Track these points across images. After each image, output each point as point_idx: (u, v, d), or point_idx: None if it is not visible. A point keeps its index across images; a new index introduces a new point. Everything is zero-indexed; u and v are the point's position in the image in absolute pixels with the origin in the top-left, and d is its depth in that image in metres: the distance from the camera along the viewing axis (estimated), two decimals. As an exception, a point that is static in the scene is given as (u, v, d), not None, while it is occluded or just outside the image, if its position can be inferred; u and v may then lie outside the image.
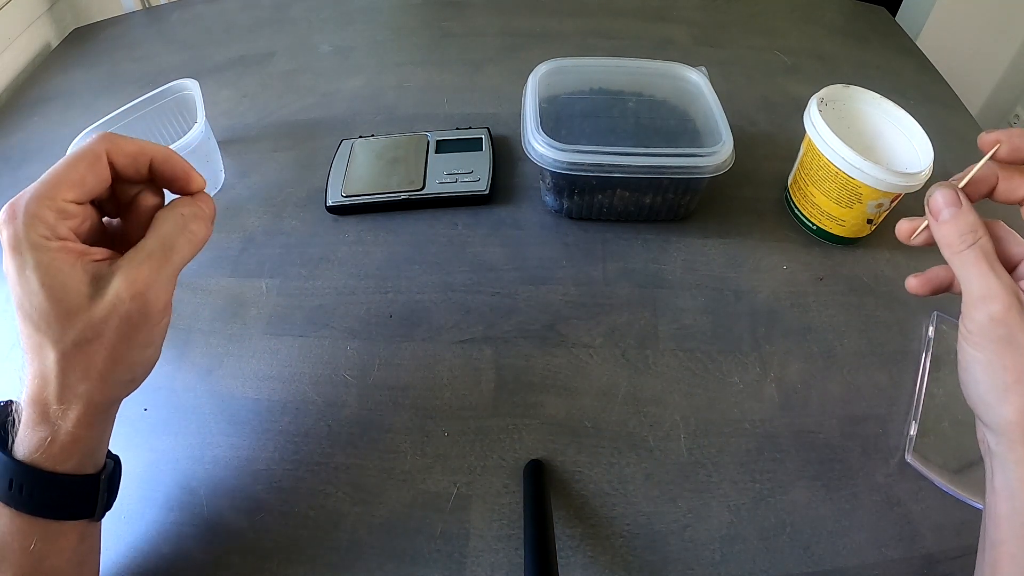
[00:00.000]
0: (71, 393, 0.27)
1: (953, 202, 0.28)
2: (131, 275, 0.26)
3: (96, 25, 0.83)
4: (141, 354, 0.28)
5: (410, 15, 0.80)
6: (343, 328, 0.46)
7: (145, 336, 0.28)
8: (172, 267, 0.28)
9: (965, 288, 0.27)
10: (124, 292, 0.26)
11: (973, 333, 0.27)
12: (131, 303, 0.26)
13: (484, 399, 0.42)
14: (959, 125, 0.65)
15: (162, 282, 0.27)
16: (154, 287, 0.27)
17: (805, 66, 0.71)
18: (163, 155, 0.29)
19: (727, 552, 0.36)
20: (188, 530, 0.37)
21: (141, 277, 0.27)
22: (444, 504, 0.38)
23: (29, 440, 0.27)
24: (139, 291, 0.27)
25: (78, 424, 0.28)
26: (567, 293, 0.48)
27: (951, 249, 0.28)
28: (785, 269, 0.50)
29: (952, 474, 0.38)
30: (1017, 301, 0.26)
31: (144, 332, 0.28)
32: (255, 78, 0.69)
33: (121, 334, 0.27)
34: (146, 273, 0.27)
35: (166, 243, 0.28)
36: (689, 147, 0.47)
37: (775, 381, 0.43)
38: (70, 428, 0.27)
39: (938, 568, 0.36)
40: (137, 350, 0.28)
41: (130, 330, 0.27)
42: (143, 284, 0.27)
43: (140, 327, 0.27)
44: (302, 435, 0.41)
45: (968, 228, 0.27)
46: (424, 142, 0.56)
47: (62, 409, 0.27)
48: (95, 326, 0.26)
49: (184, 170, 0.30)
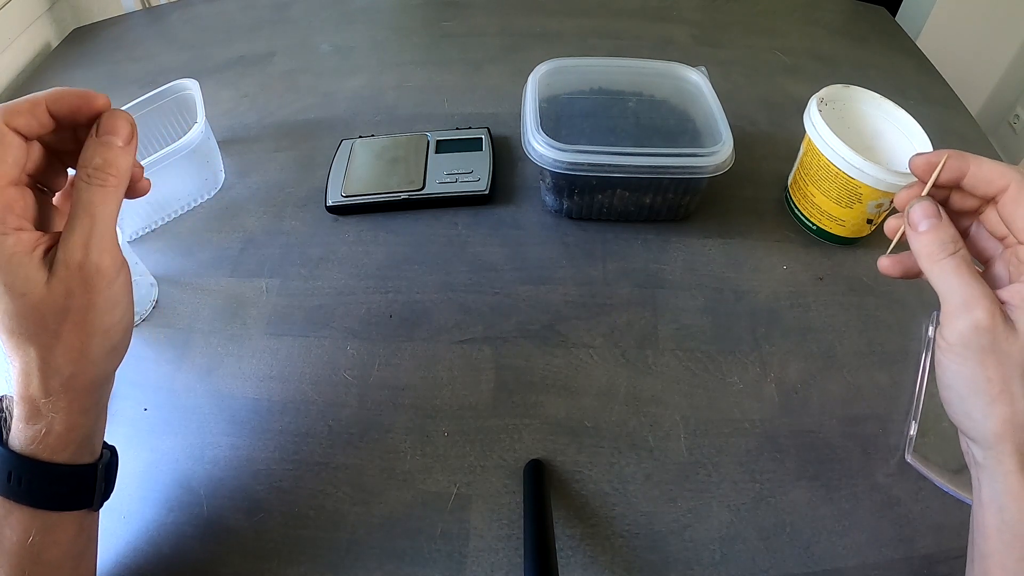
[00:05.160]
0: (57, 382, 0.27)
1: (932, 214, 0.28)
2: (67, 247, 0.27)
3: (96, 25, 0.83)
4: (111, 317, 0.28)
5: (410, 15, 0.80)
6: (343, 328, 0.46)
7: (106, 299, 0.28)
8: (102, 223, 0.27)
9: (945, 298, 0.27)
10: (68, 264, 0.26)
11: (954, 345, 0.27)
12: (78, 272, 0.27)
13: (484, 399, 0.42)
14: (959, 125, 0.65)
15: (98, 241, 0.27)
16: (93, 249, 0.27)
17: (805, 66, 0.71)
18: (53, 95, 0.28)
19: (727, 552, 0.36)
20: (188, 530, 0.37)
21: (76, 245, 0.27)
22: (444, 504, 0.38)
23: (24, 434, 0.28)
24: (78, 259, 0.27)
25: (70, 412, 0.28)
26: (567, 293, 0.48)
27: (930, 259, 0.28)
28: (785, 269, 0.50)
29: (952, 474, 0.38)
30: (999, 308, 0.26)
31: (104, 295, 0.28)
32: (255, 78, 0.69)
33: (83, 305, 0.27)
34: (78, 239, 0.27)
35: (84, 203, 0.27)
36: (689, 147, 0.47)
37: (775, 381, 0.43)
38: (63, 418, 0.28)
39: (938, 568, 0.36)
40: (105, 315, 0.28)
41: (90, 298, 0.27)
42: (80, 250, 0.27)
43: (98, 290, 0.27)
44: (302, 435, 0.41)
45: (949, 238, 0.28)
46: (424, 142, 0.56)
47: (51, 401, 0.27)
48: (58, 308, 0.26)
49: (78, 95, 0.28)
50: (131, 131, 0.29)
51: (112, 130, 0.28)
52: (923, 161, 0.29)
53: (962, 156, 0.29)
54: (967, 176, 0.29)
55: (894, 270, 0.32)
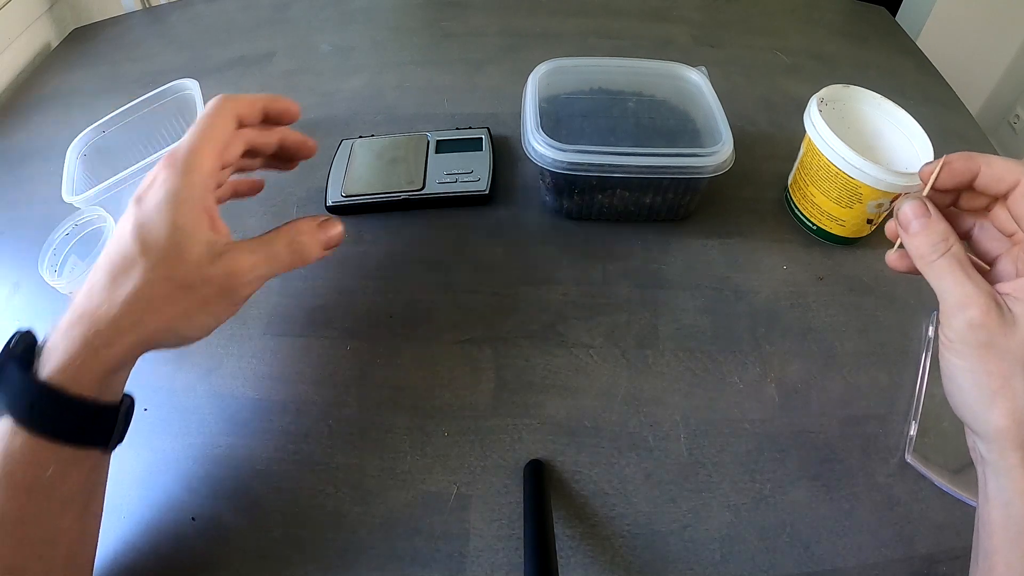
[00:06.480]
0: (130, 320, 0.29)
1: (922, 213, 0.28)
2: (236, 259, 0.31)
3: (96, 25, 0.83)
4: (205, 320, 0.32)
5: (410, 15, 0.80)
6: (343, 328, 0.46)
7: (216, 308, 0.32)
8: (269, 270, 0.33)
9: (942, 297, 0.27)
10: (224, 268, 0.31)
11: (954, 341, 0.27)
12: (224, 280, 0.31)
13: (484, 399, 0.42)
14: (959, 125, 0.65)
15: (254, 276, 0.32)
16: (247, 277, 0.32)
17: (805, 66, 0.71)
18: (270, 98, 0.36)
19: (727, 552, 0.36)
20: (188, 530, 0.37)
21: (242, 265, 0.31)
22: (444, 504, 0.38)
23: (58, 357, 0.29)
24: (235, 274, 0.31)
25: (119, 353, 0.30)
26: (567, 293, 0.48)
27: (924, 260, 0.28)
28: (785, 269, 0.50)
29: (952, 474, 0.38)
30: (995, 304, 0.26)
31: (219, 306, 0.32)
32: (255, 78, 0.69)
33: (203, 297, 0.31)
34: (246, 264, 0.32)
35: (274, 250, 0.33)
36: (689, 147, 0.47)
37: (775, 381, 0.43)
38: (109, 354, 0.29)
39: (938, 568, 0.36)
40: (205, 317, 0.32)
41: (211, 299, 0.31)
42: (240, 271, 0.31)
43: (219, 302, 0.32)
44: (302, 435, 0.41)
45: (939, 237, 0.28)
46: (424, 142, 0.56)
47: (112, 333, 0.29)
48: (189, 280, 0.30)
49: (286, 105, 0.37)
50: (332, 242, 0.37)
51: (328, 233, 0.36)
52: (931, 170, 0.29)
53: (971, 157, 0.29)
54: (979, 176, 0.29)
55: (901, 264, 0.32)
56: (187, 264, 0.30)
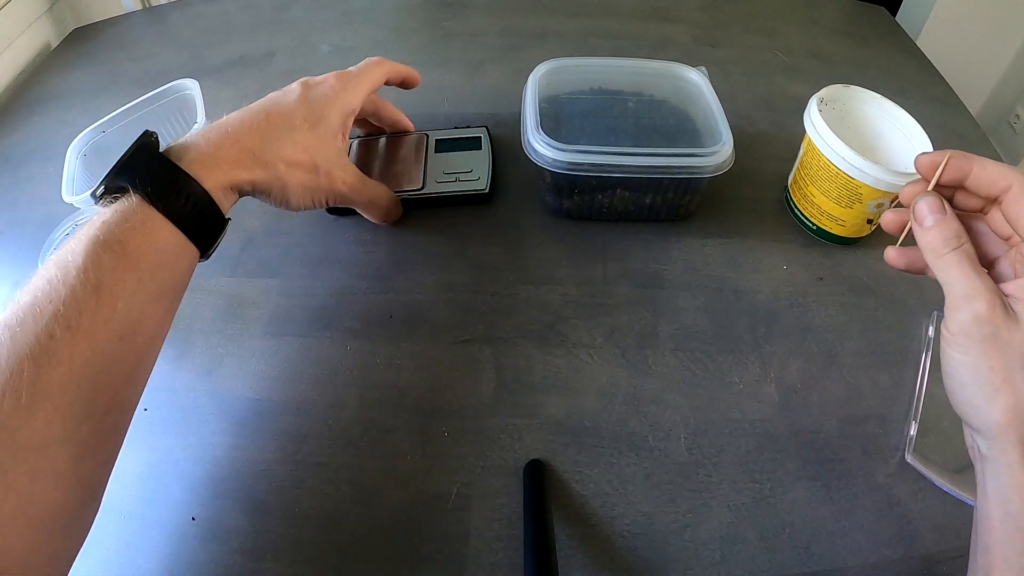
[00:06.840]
0: (270, 156, 0.37)
1: (938, 209, 0.29)
2: (346, 167, 0.43)
3: (96, 25, 0.83)
4: (303, 196, 0.41)
5: (410, 15, 0.80)
6: (343, 328, 0.46)
7: (317, 196, 0.42)
8: (338, 194, 0.43)
9: (948, 290, 0.28)
10: (340, 167, 0.43)
11: (957, 335, 0.27)
12: (327, 176, 0.41)
13: (484, 399, 0.42)
14: (959, 125, 0.65)
15: (345, 188, 0.43)
16: (340, 186, 0.43)
17: (805, 66, 0.71)
18: (408, 71, 0.51)
19: (727, 552, 0.36)
20: (188, 530, 0.37)
21: (346, 179, 0.43)
22: (444, 504, 0.38)
23: (198, 157, 0.33)
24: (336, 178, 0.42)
25: (247, 179, 0.36)
26: (567, 293, 0.48)
27: (935, 253, 0.29)
28: (785, 269, 0.50)
29: (952, 474, 0.38)
30: (1000, 299, 0.26)
31: (318, 194, 0.42)
32: (255, 78, 0.69)
33: (314, 180, 0.41)
34: (350, 177, 0.44)
35: (366, 187, 0.46)
36: (689, 147, 0.47)
37: (775, 381, 0.43)
38: (240, 174, 0.35)
39: (938, 568, 0.36)
40: (308, 194, 0.41)
41: (320, 185, 0.41)
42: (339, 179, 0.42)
43: (317, 190, 0.41)
44: (302, 435, 0.41)
45: (953, 234, 0.28)
46: (424, 141, 0.56)
47: (250, 159, 0.36)
48: (315, 159, 0.40)
49: (415, 75, 0.51)
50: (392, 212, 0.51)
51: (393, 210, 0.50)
52: (928, 160, 0.30)
53: (966, 157, 0.29)
54: (970, 176, 0.29)
55: (899, 261, 0.32)
56: (324, 149, 0.40)
